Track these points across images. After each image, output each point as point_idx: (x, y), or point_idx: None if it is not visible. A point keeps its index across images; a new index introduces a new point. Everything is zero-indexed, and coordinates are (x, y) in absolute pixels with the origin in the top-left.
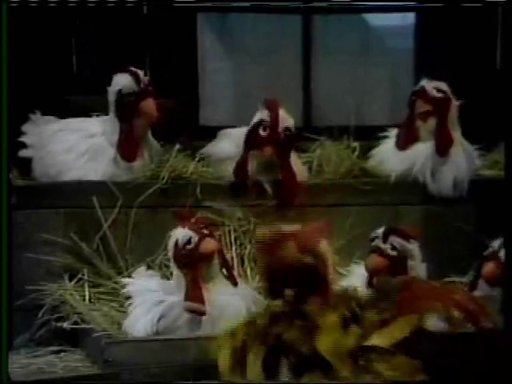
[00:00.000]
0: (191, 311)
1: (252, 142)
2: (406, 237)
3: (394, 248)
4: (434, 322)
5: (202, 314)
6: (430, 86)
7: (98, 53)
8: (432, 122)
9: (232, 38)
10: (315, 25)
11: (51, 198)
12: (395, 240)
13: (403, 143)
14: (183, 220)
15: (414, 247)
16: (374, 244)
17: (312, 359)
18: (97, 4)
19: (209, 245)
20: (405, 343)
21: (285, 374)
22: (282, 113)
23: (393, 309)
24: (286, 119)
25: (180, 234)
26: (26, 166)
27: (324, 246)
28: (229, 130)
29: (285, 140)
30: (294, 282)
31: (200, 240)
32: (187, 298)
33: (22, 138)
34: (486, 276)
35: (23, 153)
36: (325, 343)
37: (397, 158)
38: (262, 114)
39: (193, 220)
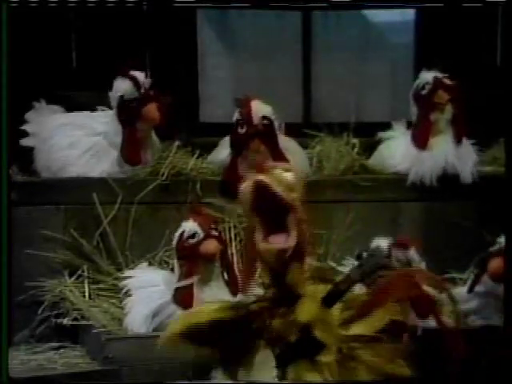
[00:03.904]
0: (179, 297)
1: (236, 143)
2: (405, 246)
3: (398, 260)
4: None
5: (188, 306)
6: (441, 76)
7: (99, 50)
8: (448, 111)
9: (232, 34)
10: (315, 21)
11: (51, 194)
12: (397, 253)
13: (424, 141)
14: (196, 214)
15: (413, 253)
16: None
17: (297, 347)
18: (97, 3)
19: (210, 246)
20: (386, 330)
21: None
22: (255, 104)
23: (372, 291)
24: (261, 109)
25: (188, 226)
26: (26, 155)
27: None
28: (227, 138)
29: (265, 129)
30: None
31: (204, 239)
32: (177, 289)
33: (24, 127)
34: (492, 272)
35: (25, 141)
36: (307, 311)
37: (417, 158)
38: (236, 115)
39: (205, 217)
